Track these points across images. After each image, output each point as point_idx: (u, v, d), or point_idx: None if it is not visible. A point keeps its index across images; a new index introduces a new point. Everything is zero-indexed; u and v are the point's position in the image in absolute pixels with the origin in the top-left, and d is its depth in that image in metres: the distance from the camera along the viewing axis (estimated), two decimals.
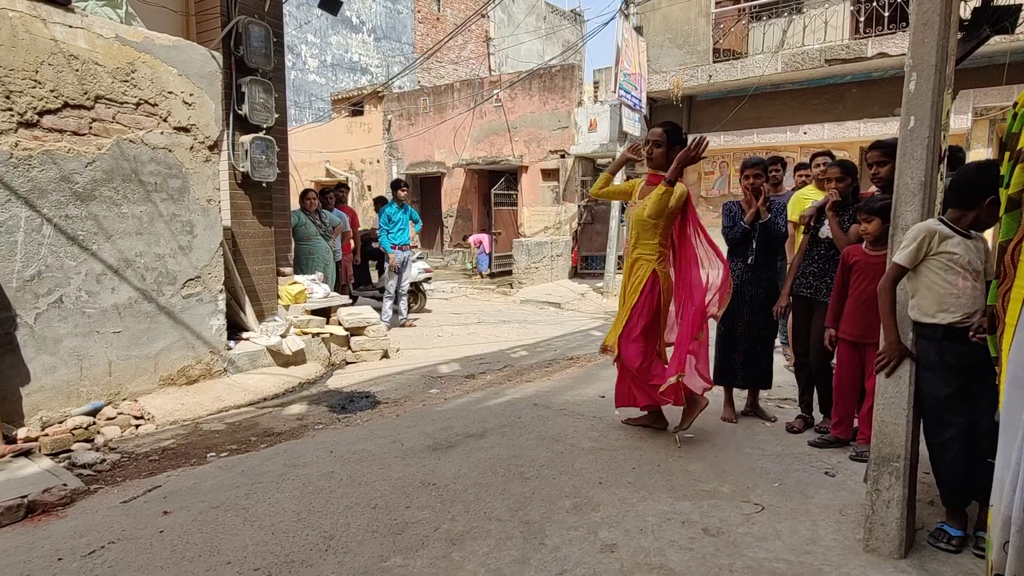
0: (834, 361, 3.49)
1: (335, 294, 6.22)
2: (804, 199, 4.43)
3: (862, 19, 9.97)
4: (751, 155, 11.21)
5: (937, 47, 2.11)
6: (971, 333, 2.16)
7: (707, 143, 3.26)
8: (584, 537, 2.39)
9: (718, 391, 3.79)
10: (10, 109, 3.46)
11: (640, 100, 11.07)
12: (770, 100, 11.16)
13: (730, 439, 3.45)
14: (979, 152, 9.23)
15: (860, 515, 2.43)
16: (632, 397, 3.50)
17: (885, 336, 2.29)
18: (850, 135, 10.01)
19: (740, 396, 3.98)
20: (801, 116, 10.74)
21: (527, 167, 13.54)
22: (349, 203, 8.25)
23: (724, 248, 3.71)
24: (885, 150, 3.11)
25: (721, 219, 3.86)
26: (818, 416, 3.66)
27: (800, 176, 5.28)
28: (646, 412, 3.58)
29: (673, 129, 3.47)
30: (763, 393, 4.05)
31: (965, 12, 4.15)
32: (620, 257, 11.01)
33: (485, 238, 8.72)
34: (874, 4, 9.76)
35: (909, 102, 2.17)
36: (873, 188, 3.39)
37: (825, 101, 10.74)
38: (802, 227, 3.73)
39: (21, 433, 3.46)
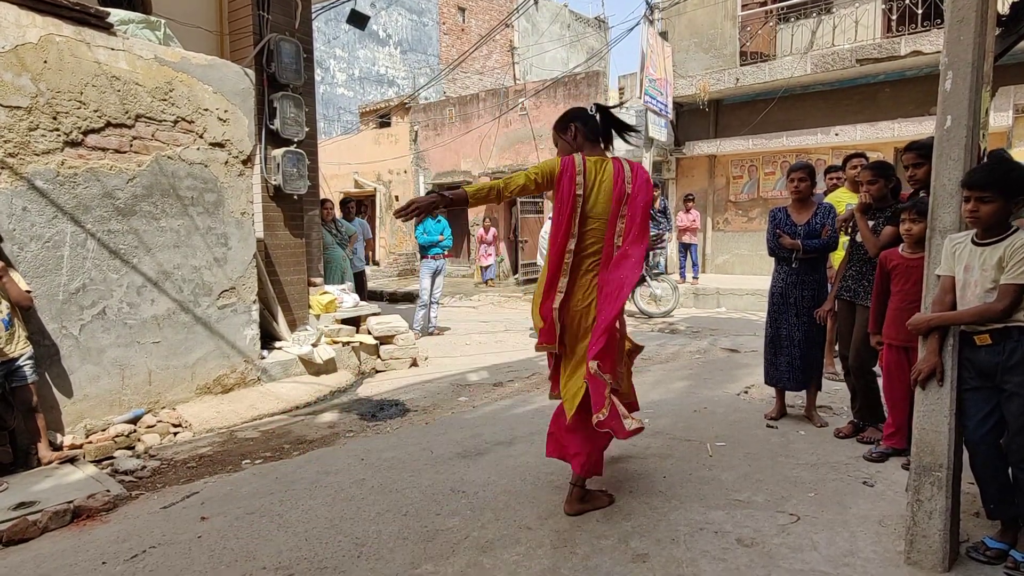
0: (876, 367, 3.41)
1: (364, 303, 6.31)
2: (836, 202, 4.36)
3: (894, 17, 9.75)
4: (782, 158, 11.05)
5: (974, 44, 2.06)
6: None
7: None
8: (615, 546, 2.37)
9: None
10: (57, 129, 3.61)
11: (666, 105, 11.00)
12: (799, 102, 10.98)
13: (763, 447, 3.38)
14: (1022, 151, 8.92)
15: (900, 526, 2.36)
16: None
17: (928, 349, 2.22)
18: (884, 135, 9.78)
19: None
20: (832, 117, 10.55)
21: None
22: (377, 213, 8.46)
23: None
24: (921, 151, 3.03)
25: (767, 225, 3.86)
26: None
27: (831, 179, 5.18)
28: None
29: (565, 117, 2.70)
30: (790, 398, 3.97)
31: (1003, 7, 4.03)
32: None
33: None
34: (906, 2, 9.54)
35: (945, 101, 2.12)
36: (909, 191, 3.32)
37: (857, 102, 10.52)
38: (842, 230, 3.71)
39: (67, 440, 3.60)
